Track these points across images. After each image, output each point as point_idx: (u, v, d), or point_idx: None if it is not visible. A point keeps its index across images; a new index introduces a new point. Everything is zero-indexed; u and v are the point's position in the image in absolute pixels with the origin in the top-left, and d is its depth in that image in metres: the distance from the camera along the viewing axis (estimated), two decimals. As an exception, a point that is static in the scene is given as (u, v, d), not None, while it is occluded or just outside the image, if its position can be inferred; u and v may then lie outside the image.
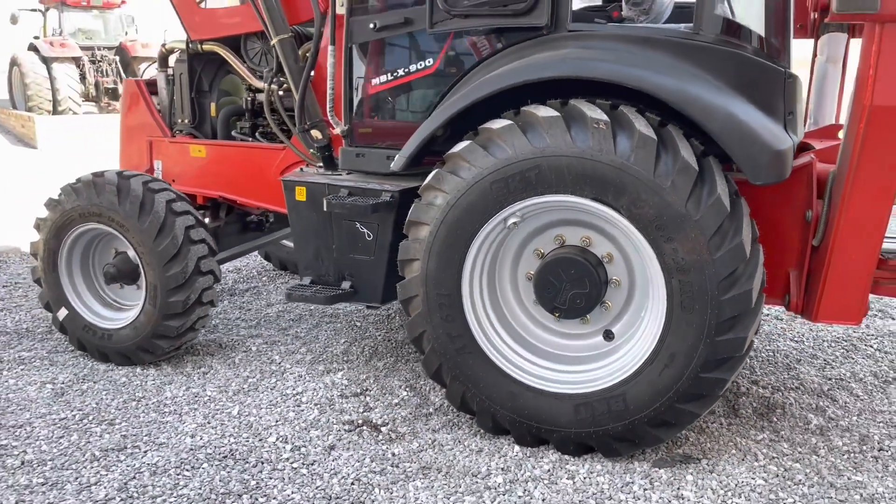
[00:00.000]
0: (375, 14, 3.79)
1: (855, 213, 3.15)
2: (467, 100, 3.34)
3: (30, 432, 3.59)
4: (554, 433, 3.42)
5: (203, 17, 4.66)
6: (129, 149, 5.01)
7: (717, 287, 3.05)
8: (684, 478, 3.27)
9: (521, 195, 3.26)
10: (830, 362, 4.67)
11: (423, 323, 3.52)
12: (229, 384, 4.14)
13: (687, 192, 3.02)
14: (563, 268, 3.42)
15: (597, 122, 3.11)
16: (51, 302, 4.43)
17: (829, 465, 3.42)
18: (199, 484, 3.16)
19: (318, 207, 3.91)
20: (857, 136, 3.02)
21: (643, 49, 3.30)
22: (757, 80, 3.31)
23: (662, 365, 3.20)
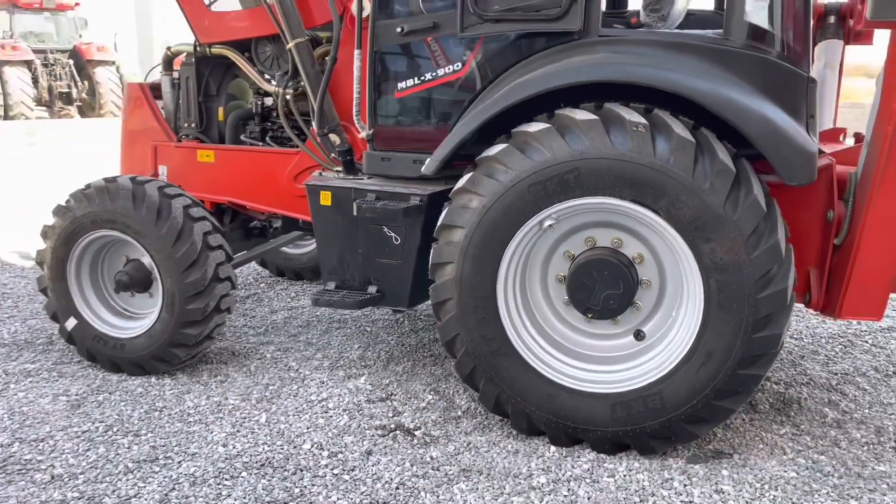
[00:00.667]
0: (402, 18, 3.79)
1: (881, 213, 3.27)
2: (505, 102, 3.36)
3: (53, 446, 3.49)
4: (590, 432, 3.47)
5: (213, 21, 4.60)
6: (132, 154, 4.90)
7: (753, 286, 3.13)
8: (720, 473, 3.34)
9: (558, 197, 3.30)
10: (832, 358, 4.82)
11: (457, 326, 3.53)
12: (250, 392, 4.08)
13: (725, 194, 3.10)
14: (597, 269, 3.46)
15: (635, 125, 3.17)
16: (58, 312, 4.30)
17: (853, 457, 3.54)
18: (242, 493, 3.11)
19: (344, 212, 3.89)
20: (886, 139, 3.13)
21: (675, 54, 3.37)
22: (783, 83, 3.41)
23: (700, 363, 3.27)
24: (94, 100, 22.63)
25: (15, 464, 3.32)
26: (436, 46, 3.78)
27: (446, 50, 3.79)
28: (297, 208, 4.55)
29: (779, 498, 3.15)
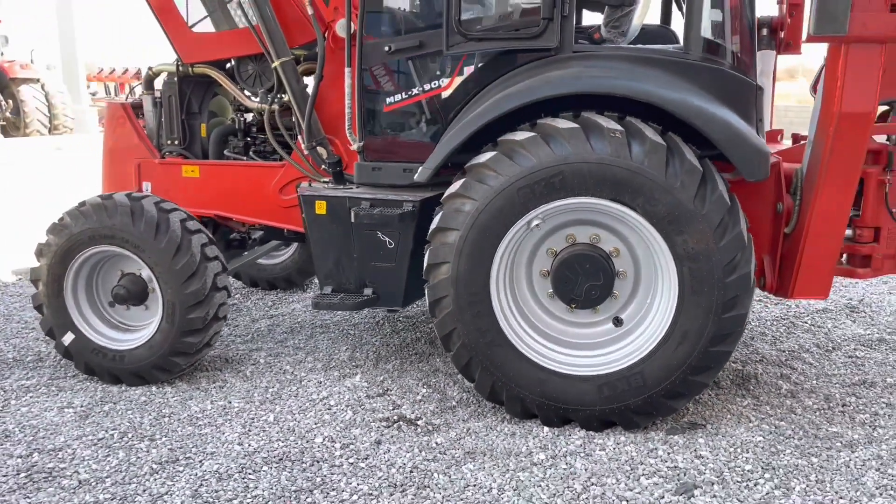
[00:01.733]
0: (389, 38, 4.07)
1: (825, 204, 3.72)
2: (494, 113, 3.68)
3: (72, 454, 3.61)
4: (580, 412, 3.80)
5: (195, 42, 4.77)
6: (114, 172, 5.01)
7: (722, 271, 3.53)
8: (697, 441, 3.72)
9: (545, 199, 3.63)
10: (778, 338, 5.31)
11: (454, 321, 3.81)
12: (252, 395, 4.27)
13: (694, 191, 3.49)
14: (579, 263, 3.81)
15: (613, 131, 3.53)
16: (54, 328, 4.39)
17: (808, 421, 3.98)
18: (268, 485, 3.32)
19: (339, 219, 4.14)
20: (827, 139, 3.59)
21: (642, 67, 3.76)
22: (735, 91, 3.85)
23: (676, 343, 3.65)
24: (18, 119, 21.98)
25: (39, 472, 3.44)
26: (421, 63, 4.08)
27: (431, 67, 4.08)
28: (283, 219, 4.76)
29: (751, 458, 3.55)
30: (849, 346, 5.15)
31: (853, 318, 5.79)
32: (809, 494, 3.28)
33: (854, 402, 4.22)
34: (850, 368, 4.73)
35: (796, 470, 3.47)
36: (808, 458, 3.58)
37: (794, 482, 3.38)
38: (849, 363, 4.83)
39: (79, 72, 24.93)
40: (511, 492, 3.28)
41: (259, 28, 4.40)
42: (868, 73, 3.44)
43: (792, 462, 3.54)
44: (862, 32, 3.34)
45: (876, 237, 4.09)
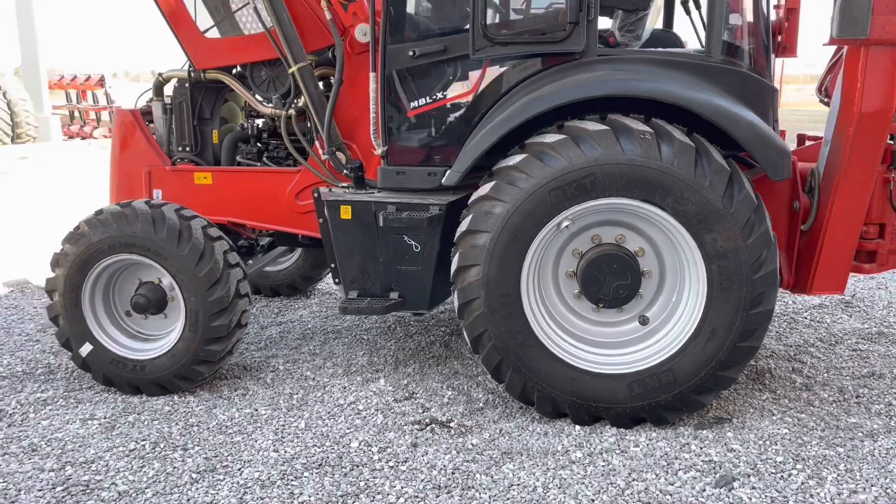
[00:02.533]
0: (413, 42, 4.09)
1: (844, 201, 3.84)
2: (523, 116, 3.72)
3: (106, 466, 3.55)
4: (610, 410, 3.86)
5: (208, 47, 4.73)
6: (124, 179, 4.94)
7: (749, 268, 3.62)
8: (726, 435, 3.81)
9: (576, 200, 3.68)
10: (782, 333, 5.45)
11: (485, 323, 3.84)
12: (277, 402, 4.24)
13: (722, 190, 3.58)
14: (607, 263, 3.87)
15: (642, 133, 3.60)
16: (72, 339, 4.31)
17: (827, 413, 4.10)
18: (312, 490, 3.31)
19: (364, 224, 4.14)
20: (847, 138, 3.71)
21: (666, 69, 3.84)
22: (754, 93, 3.95)
23: (706, 339, 3.73)
24: (-21, 127, 21.40)
25: (75, 485, 3.38)
26: (445, 67, 4.11)
27: (456, 71, 4.12)
28: (299, 224, 4.74)
29: (781, 450, 3.65)
30: (850, 339, 5.31)
31: (849, 312, 5.97)
32: (842, 484, 3.38)
33: (867, 393, 4.36)
34: (857, 361, 4.88)
35: (825, 460, 3.57)
36: (834, 449, 3.68)
37: (825, 472, 3.47)
38: (854, 356, 4.97)
39: (41, 79, 24.35)
40: (556, 490, 3.32)
41: (275, 33, 4.38)
42: (886, 74, 3.57)
43: (820, 453, 3.64)
44: (882, 35, 3.46)
45: (881, 233, 4.22)
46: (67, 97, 25.58)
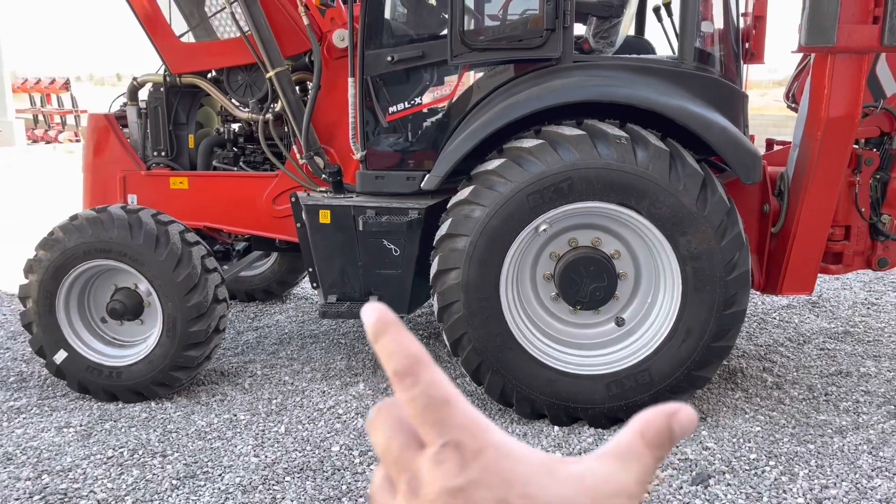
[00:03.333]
0: (391, 48, 4.12)
1: (812, 204, 3.95)
2: (501, 121, 3.78)
3: (83, 474, 3.52)
4: (588, 410, 3.92)
5: (184, 52, 4.71)
6: (97, 184, 4.88)
7: (723, 270, 3.71)
8: (701, 433, 3.89)
9: (553, 204, 3.74)
10: (753, 334, 5.56)
11: (464, 325, 3.88)
12: (256, 407, 4.23)
13: (696, 193, 3.66)
14: (584, 265, 3.93)
15: (618, 138, 3.67)
16: (46, 346, 4.26)
17: (798, 411, 4.20)
18: (295, 494, 3.32)
19: (344, 228, 4.15)
20: (815, 143, 3.81)
21: (641, 76, 3.92)
22: (725, 98, 4.05)
23: (681, 339, 3.81)
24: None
25: (53, 494, 3.34)
26: (424, 73, 4.14)
27: (434, 76, 4.15)
28: (276, 229, 4.74)
29: (754, 448, 3.73)
30: (818, 339, 5.44)
31: (816, 312, 6.11)
32: (814, 479, 3.47)
33: (835, 391, 4.47)
34: (825, 360, 5.00)
35: (797, 457, 3.67)
36: (805, 445, 3.78)
37: (797, 468, 3.57)
38: (822, 355, 5.10)
39: (4, 82, 23.90)
40: (537, 490, 3.36)
41: (252, 38, 4.38)
42: (852, 81, 3.68)
43: (791, 449, 3.73)
44: (848, 44, 3.57)
45: (847, 235, 4.35)
46: (31, 101, 25.15)
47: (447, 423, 0.46)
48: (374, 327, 0.48)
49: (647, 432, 0.50)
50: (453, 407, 0.47)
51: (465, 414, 0.47)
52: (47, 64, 26.94)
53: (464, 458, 0.46)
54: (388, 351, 0.48)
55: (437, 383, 0.47)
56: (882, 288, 6.72)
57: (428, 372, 0.47)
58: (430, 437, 0.47)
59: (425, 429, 0.47)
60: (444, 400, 0.47)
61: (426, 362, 0.48)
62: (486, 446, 0.46)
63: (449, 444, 0.46)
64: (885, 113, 4.18)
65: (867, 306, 6.19)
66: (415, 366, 0.47)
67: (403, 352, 0.47)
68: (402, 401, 0.47)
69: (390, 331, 0.48)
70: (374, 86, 4.19)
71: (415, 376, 0.47)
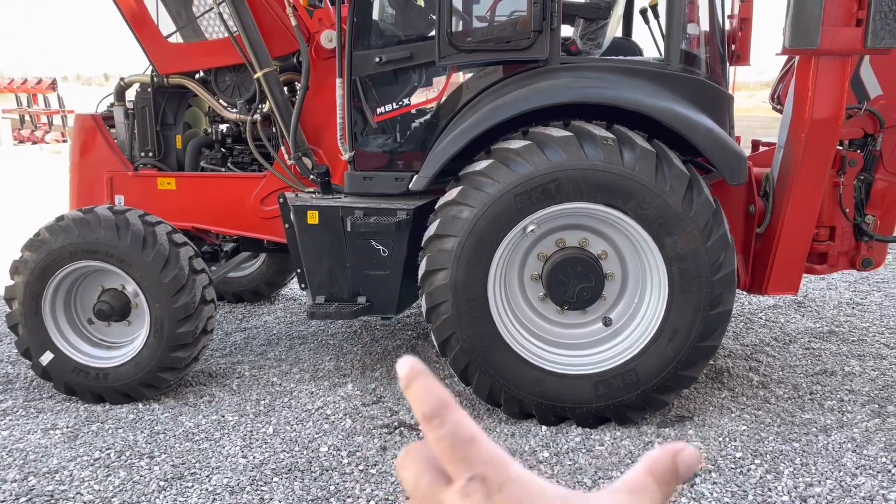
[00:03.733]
0: (379, 49, 4.13)
1: (797, 205, 3.98)
2: (488, 123, 3.79)
3: (70, 475, 3.51)
4: (576, 410, 3.94)
5: (171, 52, 4.69)
6: (84, 185, 4.86)
7: (709, 270, 3.74)
8: (687, 433, 3.92)
9: (541, 205, 3.76)
10: (739, 333, 5.60)
11: (452, 326, 3.89)
12: (244, 408, 4.23)
13: (682, 194, 3.68)
14: (571, 266, 3.95)
15: (605, 139, 3.69)
16: (32, 348, 4.24)
17: (783, 410, 4.24)
18: (283, 495, 3.31)
19: (332, 229, 4.16)
20: (799, 144, 3.85)
21: (628, 77, 3.94)
22: (711, 100, 4.08)
23: (667, 339, 3.83)
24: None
25: (40, 495, 3.33)
26: (412, 74, 4.15)
27: (422, 77, 4.16)
28: (264, 230, 4.74)
29: (740, 447, 3.76)
30: (803, 338, 5.48)
31: (801, 312, 6.16)
32: (798, 477, 3.50)
33: (820, 390, 4.51)
34: (810, 359, 5.05)
35: (782, 455, 3.70)
36: (790, 444, 3.81)
37: (781, 466, 3.60)
38: (807, 354, 5.14)
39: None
40: (524, 489, 3.37)
41: (240, 39, 4.38)
42: (836, 83, 3.72)
43: (777, 448, 3.76)
44: (832, 46, 3.60)
45: (831, 236, 4.39)
46: (18, 101, 24.99)
47: (473, 460, 0.50)
48: (406, 377, 0.53)
49: (654, 469, 0.54)
50: (478, 444, 0.51)
51: (488, 451, 0.51)
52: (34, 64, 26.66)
53: (489, 490, 0.50)
54: (418, 396, 0.52)
55: (462, 424, 0.51)
56: (867, 288, 6.79)
57: (453, 414, 0.51)
58: (457, 473, 0.51)
59: (452, 465, 0.51)
60: (470, 438, 0.51)
61: (451, 405, 0.52)
62: (508, 479, 0.50)
63: (475, 479, 0.50)
64: (868, 115, 4.23)
65: (852, 306, 6.24)
66: (441, 408, 0.51)
67: (431, 397, 0.52)
68: (430, 441, 0.52)
69: (419, 378, 0.52)
70: (363, 87, 4.19)
71: (441, 418, 0.51)
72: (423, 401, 0.52)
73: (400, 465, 0.54)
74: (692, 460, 0.54)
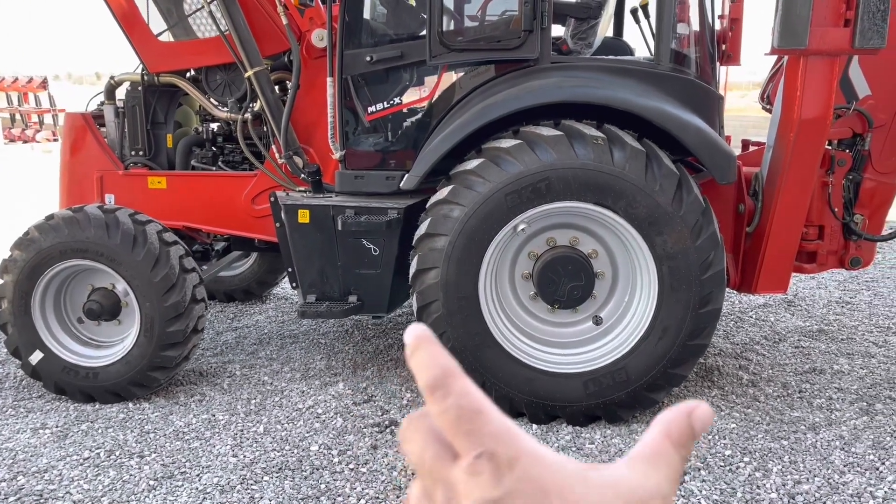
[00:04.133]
0: (370, 48, 4.13)
1: (786, 204, 4.00)
2: (479, 122, 3.79)
3: (59, 475, 3.50)
4: (566, 408, 3.95)
5: (162, 51, 4.68)
6: (74, 184, 4.85)
7: (698, 269, 3.75)
8: (677, 431, 3.92)
9: (531, 204, 3.77)
10: (729, 332, 5.63)
11: (443, 325, 3.90)
12: (234, 407, 4.22)
13: (672, 193, 3.70)
14: (562, 265, 3.96)
15: (595, 138, 3.71)
16: (21, 347, 4.22)
17: (772, 408, 4.26)
18: (273, 494, 3.31)
19: (323, 228, 4.16)
20: (788, 144, 3.87)
21: (618, 77, 3.96)
22: (701, 100, 4.09)
23: (657, 338, 3.85)
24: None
25: (29, 495, 3.32)
26: (403, 73, 4.15)
27: (413, 76, 4.17)
28: (255, 229, 4.73)
29: (729, 444, 3.78)
30: (793, 337, 5.51)
31: (791, 311, 6.19)
32: (787, 475, 3.53)
33: (809, 388, 4.54)
34: (799, 358, 5.07)
35: (771, 453, 3.72)
36: (778, 442, 3.84)
37: (770, 464, 3.62)
38: (797, 353, 5.17)
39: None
40: (515, 487, 3.38)
41: (231, 37, 4.37)
42: (825, 82, 3.74)
43: (766, 446, 3.78)
44: (820, 46, 3.62)
45: (821, 235, 4.41)
46: (8, 99, 24.87)
47: (480, 434, 0.46)
48: (411, 345, 0.49)
49: (672, 433, 0.51)
50: (485, 417, 0.47)
51: (496, 423, 0.47)
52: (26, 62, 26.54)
53: (498, 468, 0.46)
54: (421, 365, 0.48)
55: (467, 394, 0.47)
56: (856, 287, 6.82)
57: (458, 383, 0.47)
58: (464, 448, 0.47)
59: (458, 440, 0.47)
60: (476, 410, 0.47)
61: (456, 374, 0.48)
62: (519, 455, 0.46)
63: (483, 455, 0.46)
64: (857, 114, 4.25)
65: (841, 305, 6.28)
66: (445, 377, 0.47)
67: (434, 365, 0.48)
68: (434, 413, 0.48)
69: (423, 346, 0.48)
70: (354, 85, 4.19)
71: (445, 388, 0.47)
72: (426, 370, 0.48)
73: (403, 437, 0.49)
74: (706, 417, 0.51)
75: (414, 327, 0.49)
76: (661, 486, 0.49)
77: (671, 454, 0.50)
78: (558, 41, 4.62)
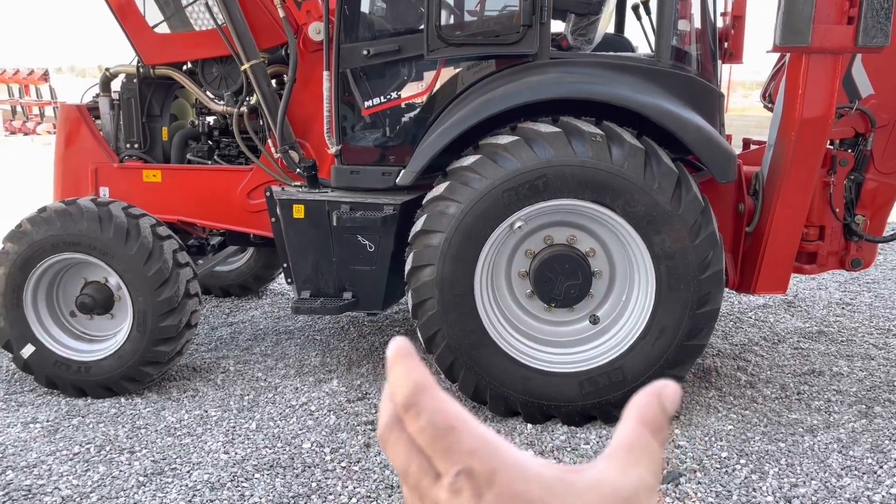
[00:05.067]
0: (367, 42, 4.08)
1: (786, 204, 3.96)
2: (477, 117, 3.75)
3: (49, 470, 3.46)
4: (562, 408, 3.91)
5: (157, 43, 4.64)
6: (69, 176, 4.81)
7: (696, 268, 3.71)
8: (673, 432, 3.89)
9: (528, 201, 3.72)
10: (728, 333, 5.58)
11: (438, 322, 3.86)
12: (227, 403, 4.19)
13: (671, 192, 3.65)
14: (559, 263, 3.92)
15: (593, 135, 3.66)
16: (13, 340, 4.19)
17: (770, 409, 4.22)
18: (263, 492, 3.28)
19: (318, 224, 4.11)
20: (789, 143, 3.82)
21: (618, 73, 3.91)
22: (702, 97, 4.05)
23: (654, 337, 3.81)
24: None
25: (17, 490, 3.28)
26: (400, 67, 4.11)
27: (410, 71, 4.12)
28: (250, 223, 4.69)
29: (725, 446, 3.74)
30: (792, 338, 5.47)
31: (791, 312, 6.15)
32: (784, 477, 3.48)
33: (807, 390, 4.49)
34: (798, 359, 5.03)
35: (767, 455, 3.68)
36: (776, 444, 3.79)
37: (767, 466, 3.57)
38: (796, 354, 5.12)
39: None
40: (508, 488, 3.34)
41: (227, 30, 4.33)
42: (827, 81, 3.69)
43: (762, 448, 3.74)
44: (822, 44, 3.57)
45: (821, 235, 4.37)
46: (10, 92, 24.83)
47: (455, 451, 0.46)
48: (388, 362, 0.49)
49: (646, 418, 0.50)
50: (458, 433, 0.47)
51: (471, 438, 0.47)
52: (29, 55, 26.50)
53: (477, 485, 0.46)
54: (396, 383, 0.48)
55: (440, 411, 0.47)
56: (857, 288, 6.78)
57: (430, 400, 0.47)
58: (443, 466, 0.47)
59: (437, 457, 0.47)
60: (449, 427, 0.47)
61: (428, 389, 0.47)
62: (497, 469, 0.46)
63: (461, 473, 0.46)
64: (859, 114, 4.20)
65: (842, 306, 6.23)
66: (417, 395, 0.47)
67: (407, 382, 0.47)
68: (410, 432, 0.48)
69: (399, 362, 0.48)
70: (350, 80, 4.15)
71: (417, 407, 0.47)
72: (400, 388, 0.47)
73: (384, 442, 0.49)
74: (675, 394, 0.50)
75: (394, 342, 0.49)
76: (643, 479, 0.48)
77: (649, 442, 0.50)
78: (558, 37, 4.58)
